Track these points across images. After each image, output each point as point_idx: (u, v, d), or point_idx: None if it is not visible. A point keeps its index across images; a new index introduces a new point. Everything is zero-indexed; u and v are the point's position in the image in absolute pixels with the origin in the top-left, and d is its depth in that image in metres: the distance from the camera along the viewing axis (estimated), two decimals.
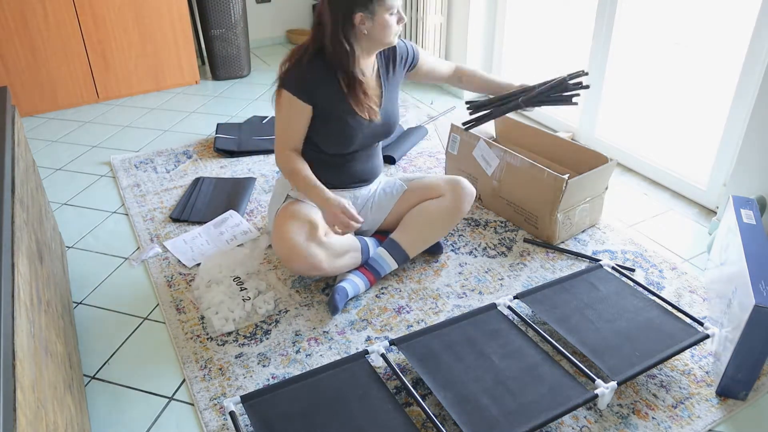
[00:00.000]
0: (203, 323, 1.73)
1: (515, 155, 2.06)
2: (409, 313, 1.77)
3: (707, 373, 1.56)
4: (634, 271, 1.92)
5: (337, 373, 1.47)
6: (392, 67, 1.83)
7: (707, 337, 1.55)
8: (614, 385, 1.39)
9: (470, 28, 3.10)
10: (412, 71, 1.90)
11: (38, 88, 3.14)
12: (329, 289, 1.86)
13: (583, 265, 1.96)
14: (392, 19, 1.62)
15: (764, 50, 1.93)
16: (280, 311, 1.77)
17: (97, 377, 1.58)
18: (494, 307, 1.67)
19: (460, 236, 2.11)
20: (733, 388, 1.47)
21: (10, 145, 1.47)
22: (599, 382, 1.41)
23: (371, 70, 1.77)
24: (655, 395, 1.49)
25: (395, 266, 1.87)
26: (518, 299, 1.69)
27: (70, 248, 2.11)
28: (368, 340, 1.68)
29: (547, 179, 1.96)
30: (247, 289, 1.81)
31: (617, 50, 2.53)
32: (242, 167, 2.60)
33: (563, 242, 2.08)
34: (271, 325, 1.73)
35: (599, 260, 1.89)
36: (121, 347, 1.68)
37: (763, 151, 1.89)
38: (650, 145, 2.54)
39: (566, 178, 1.91)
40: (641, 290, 1.74)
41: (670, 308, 1.67)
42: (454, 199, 1.85)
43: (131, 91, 3.42)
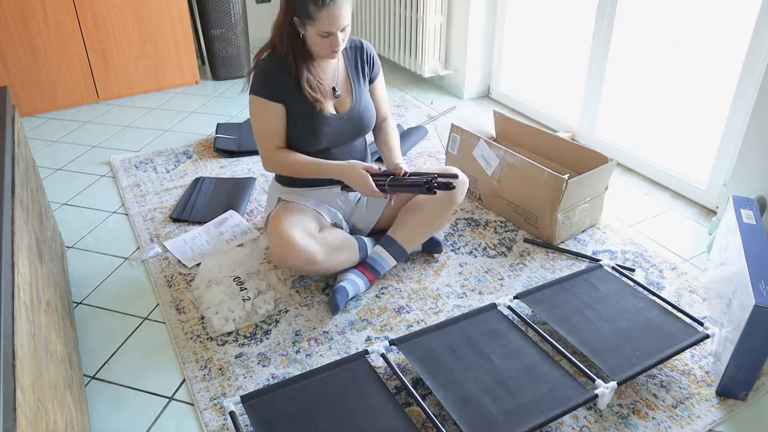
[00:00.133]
0: (203, 323, 1.74)
1: (515, 155, 2.06)
2: (409, 313, 1.77)
3: (707, 373, 1.56)
4: (634, 271, 1.92)
5: (337, 373, 1.47)
6: (360, 65, 1.84)
7: (707, 337, 1.55)
8: (614, 385, 1.40)
9: (470, 28, 3.10)
10: (370, 83, 1.91)
11: (38, 88, 3.14)
12: (329, 289, 1.86)
13: (583, 265, 1.96)
14: (322, 40, 1.63)
15: (764, 50, 1.93)
16: (280, 311, 1.77)
17: (97, 377, 1.58)
18: (494, 307, 1.67)
19: (460, 236, 2.11)
20: (733, 388, 1.47)
21: (10, 145, 1.48)
22: (599, 382, 1.41)
23: (332, 68, 1.78)
24: (655, 395, 1.49)
25: (394, 263, 1.87)
26: (518, 299, 1.69)
27: (70, 248, 2.11)
28: (368, 340, 1.68)
29: (547, 179, 1.96)
30: (247, 289, 1.81)
31: (617, 50, 2.53)
32: (242, 167, 2.60)
33: (563, 242, 2.08)
34: (271, 325, 1.73)
35: (599, 260, 1.89)
36: (121, 347, 1.68)
37: (763, 151, 1.89)
38: (650, 145, 2.54)
39: (566, 178, 1.91)
40: (641, 290, 1.74)
41: (670, 308, 1.67)
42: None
43: (131, 91, 3.42)
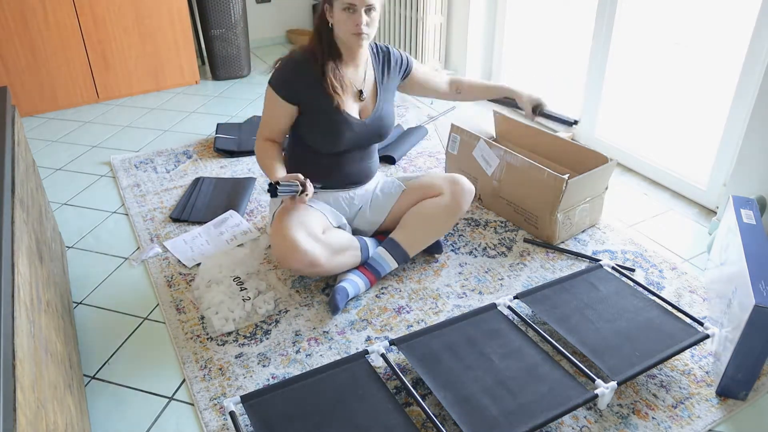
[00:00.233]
0: (203, 323, 1.73)
1: (515, 155, 2.06)
2: (409, 313, 1.77)
3: (707, 373, 1.56)
4: (634, 271, 1.92)
5: (337, 373, 1.46)
6: (387, 71, 1.88)
7: (707, 337, 1.55)
8: (614, 385, 1.39)
9: (470, 28, 3.10)
10: (406, 79, 1.96)
11: (38, 88, 3.14)
12: (329, 289, 1.86)
13: (583, 265, 1.96)
14: (346, 18, 1.65)
15: (764, 50, 1.93)
16: (280, 311, 1.77)
17: (97, 377, 1.58)
18: (494, 307, 1.67)
19: (460, 236, 2.11)
20: (733, 388, 1.47)
21: (10, 145, 1.47)
22: (599, 382, 1.41)
23: (361, 71, 1.81)
24: (655, 395, 1.49)
25: (395, 266, 1.87)
26: (518, 299, 1.69)
27: (70, 248, 2.11)
28: (368, 340, 1.68)
29: (547, 179, 1.96)
30: (247, 289, 1.81)
31: (617, 50, 2.53)
32: (242, 167, 2.60)
33: (563, 242, 2.08)
34: (271, 325, 1.73)
35: (599, 260, 1.89)
36: (121, 347, 1.68)
37: (763, 151, 1.89)
38: (650, 145, 2.54)
39: (566, 178, 1.91)
40: (641, 290, 1.74)
41: (670, 308, 1.67)
42: (453, 197, 1.85)
43: (131, 91, 3.42)
